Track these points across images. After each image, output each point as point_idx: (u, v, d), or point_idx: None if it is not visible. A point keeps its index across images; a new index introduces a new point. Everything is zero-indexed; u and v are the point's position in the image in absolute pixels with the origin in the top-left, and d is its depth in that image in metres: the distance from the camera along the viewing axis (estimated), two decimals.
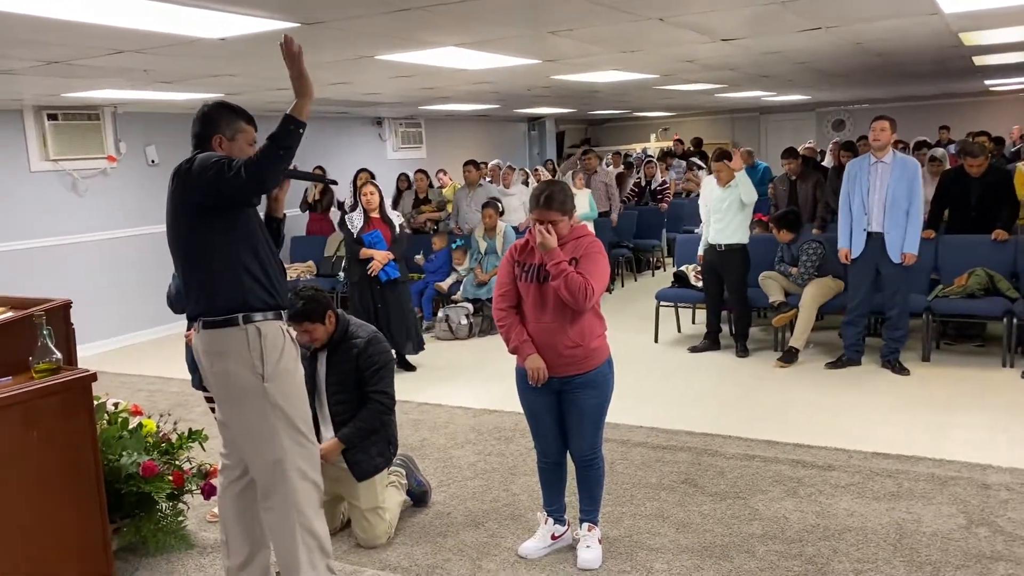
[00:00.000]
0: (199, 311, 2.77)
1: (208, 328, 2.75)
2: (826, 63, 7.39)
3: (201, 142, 2.83)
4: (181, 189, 2.73)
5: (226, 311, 2.73)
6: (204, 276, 2.75)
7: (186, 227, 2.76)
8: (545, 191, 3.23)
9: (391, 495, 3.75)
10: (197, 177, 2.66)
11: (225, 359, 2.74)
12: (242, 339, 2.73)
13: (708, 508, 3.84)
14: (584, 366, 3.26)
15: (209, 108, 2.88)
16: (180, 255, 2.81)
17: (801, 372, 6.03)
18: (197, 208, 2.72)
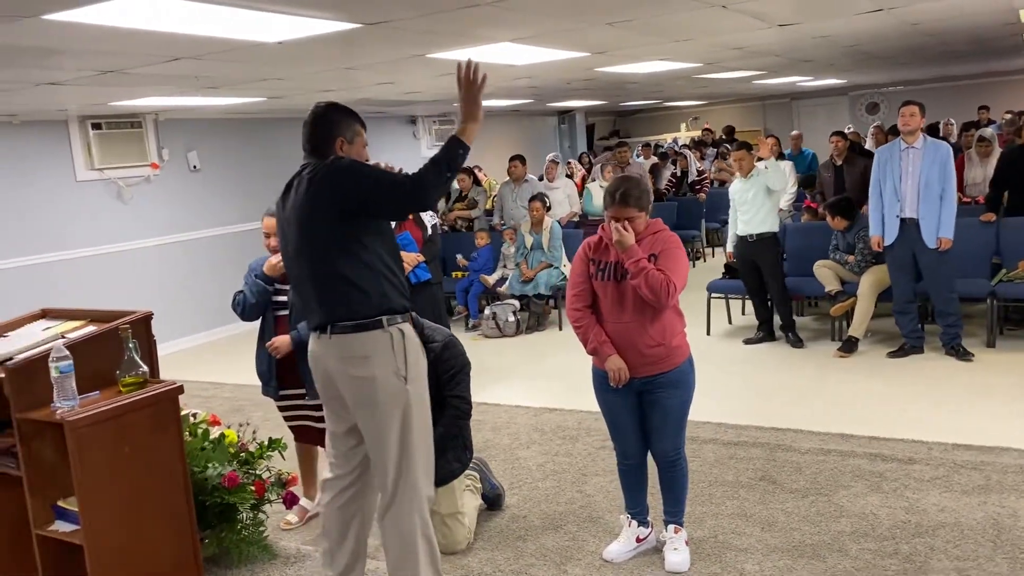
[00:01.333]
0: (335, 317, 2.72)
1: (349, 332, 2.71)
2: (875, 45, 7.24)
3: (322, 145, 2.79)
4: (324, 193, 2.69)
5: (371, 314, 2.71)
6: (345, 280, 2.70)
7: (325, 231, 2.70)
8: (620, 187, 3.15)
9: (468, 500, 3.70)
10: (352, 184, 2.67)
11: (370, 363, 2.71)
12: (387, 342, 2.72)
13: (791, 505, 3.75)
14: (666, 365, 3.19)
15: (326, 110, 2.84)
16: (313, 260, 2.74)
17: (863, 362, 5.91)
18: (343, 213, 2.68)
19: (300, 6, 3.47)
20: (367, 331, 2.72)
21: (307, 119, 2.84)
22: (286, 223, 2.83)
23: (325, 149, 2.79)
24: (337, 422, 2.92)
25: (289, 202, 2.80)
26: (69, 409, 2.57)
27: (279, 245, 3.01)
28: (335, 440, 2.92)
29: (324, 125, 2.81)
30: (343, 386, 2.77)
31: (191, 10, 3.30)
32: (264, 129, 9.05)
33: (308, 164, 2.80)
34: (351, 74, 5.83)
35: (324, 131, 2.80)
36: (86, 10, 3.13)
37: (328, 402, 2.90)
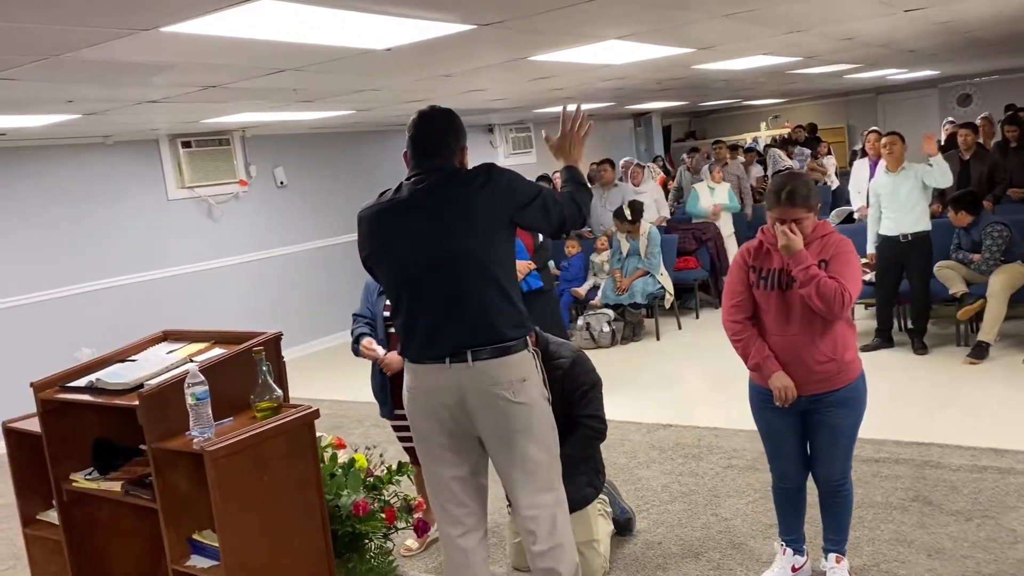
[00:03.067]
0: (483, 339, 2.46)
1: (502, 355, 2.47)
2: (990, 30, 6.80)
3: (445, 151, 2.58)
4: (491, 202, 2.49)
5: (519, 334, 2.51)
6: (501, 298, 2.50)
7: (484, 244, 2.49)
8: (787, 186, 2.88)
9: (601, 525, 3.47)
10: (524, 194, 2.53)
11: (529, 387, 2.50)
12: (532, 362, 2.54)
13: (955, 530, 3.42)
14: (837, 382, 2.91)
15: (449, 114, 2.65)
16: (458, 277, 2.48)
17: (997, 368, 5.50)
18: (510, 223, 2.52)
19: (415, 7, 3.31)
20: (519, 352, 2.51)
21: (422, 122, 2.61)
22: (414, 237, 2.52)
23: (447, 156, 2.58)
24: (464, 461, 2.60)
25: (413, 215, 2.53)
26: (206, 438, 2.43)
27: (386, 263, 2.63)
28: (462, 483, 2.61)
29: (449, 130, 2.62)
30: (492, 417, 2.49)
31: (305, 16, 3.17)
32: (347, 143, 9.01)
33: (431, 172, 2.55)
34: (442, 82, 5.68)
35: (449, 136, 2.60)
36: (203, 20, 3.02)
37: (451, 440, 2.57)
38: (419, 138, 2.60)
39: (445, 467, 2.61)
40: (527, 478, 2.53)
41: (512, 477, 2.56)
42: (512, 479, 2.57)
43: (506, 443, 2.51)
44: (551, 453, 2.57)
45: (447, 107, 2.67)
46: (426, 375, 2.54)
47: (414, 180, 2.57)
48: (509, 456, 2.53)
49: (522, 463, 2.53)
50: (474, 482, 2.64)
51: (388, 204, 2.59)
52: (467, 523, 2.63)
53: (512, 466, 2.54)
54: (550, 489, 2.56)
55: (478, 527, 2.65)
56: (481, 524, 2.67)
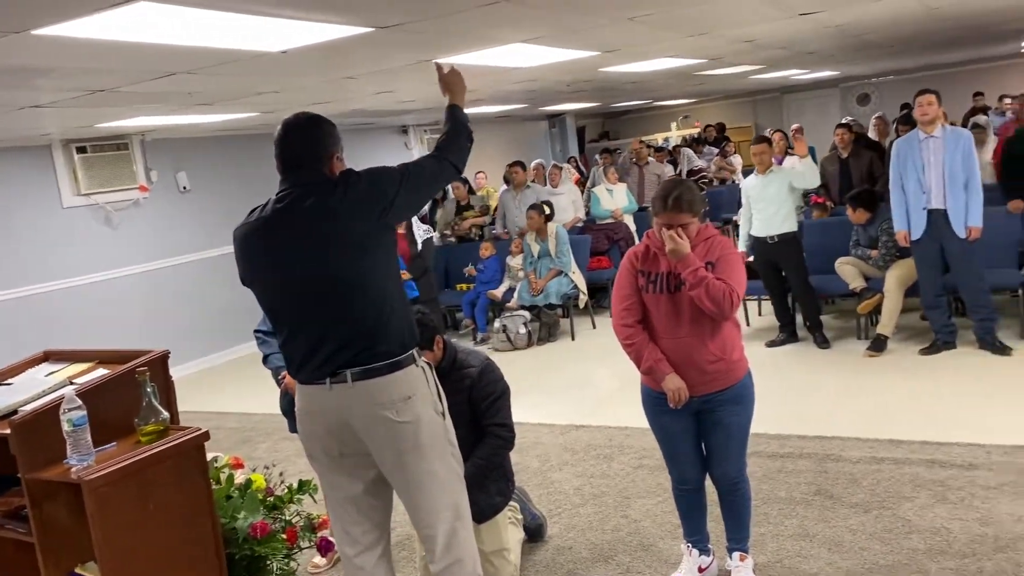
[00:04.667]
0: (364, 358, 2.36)
1: (386, 373, 2.37)
2: (882, 34, 7.07)
3: (315, 161, 2.45)
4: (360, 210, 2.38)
5: (403, 349, 2.42)
6: (378, 313, 2.39)
7: (358, 257, 2.37)
8: (673, 191, 2.90)
9: (511, 533, 3.44)
10: (390, 187, 2.42)
11: (415, 404, 2.40)
12: (422, 377, 2.45)
13: (855, 522, 3.51)
14: (727, 381, 2.95)
15: (317, 122, 2.50)
16: (335, 294, 2.37)
17: (895, 361, 5.70)
18: (384, 226, 2.43)
19: (310, 10, 3.22)
20: (405, 368, 2.42)
21: (288, 132, 2.45)
22: (284, 256, 2.39)
23: (316, 167, 2.44)
24: (358, 479, 2.52)
25: (287, 231, 2.40)
26: (85, 466, 2.30)
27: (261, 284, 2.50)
28: (356, 502, 2.53)
29: (317, 139, 2.46)
30: (378, 436, 2.41)
31: (191, 19, 3.04)
32: (254, 145, 8.74)
33: (300, 186, 2.42)
34: (348, 84, 5.58)
35: (317, 146, 2.45)
36: (78, 23, 2.87)
37: (343, 460, 2.49)
38: (284, 150, 2.46)
39: (339, 487, 2.53)
40: (421, 495, 2.47)
41: (405, 495, 2.50)
42: (405, 497, 2.51)
43: (396, 462, 2.44)
44: (448, 468, 2.50)
45: (315, 114, 2.52)
46: (310, 396, 2.46)
47: (278, 196, 2.46)
48: (401, 475, 2.46)
49: (414, 481, 2.46)
50: (370, 500, 2.55)
51: (254, 225, 2.47)
52: (364, 541, 2.55)
53: (404, 484, 2.48)
54: (447, 506, 2.50)
55: (376, 545, 2.58)
56: (379, 542, 2.59)
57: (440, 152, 2.62)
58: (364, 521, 2.55)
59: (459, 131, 2.68)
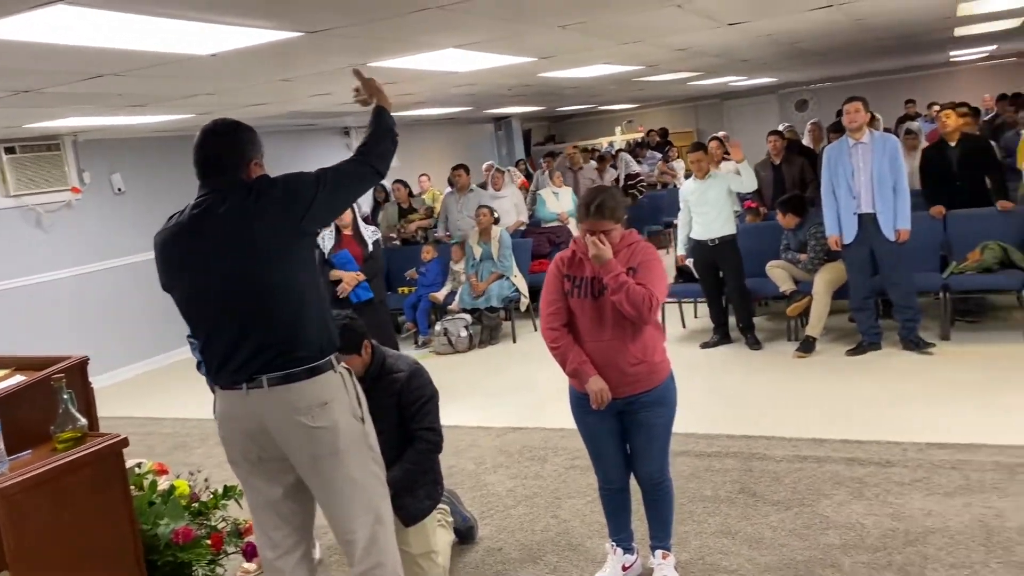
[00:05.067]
0: (279, 364, 2.38)
1: (301, 379, 2.39)
2: (814, 43, 7.28)
3: (234, 168, 2.45)
4: (275, 215, 2.39)
5: (323, 355, 2.43)
6: (291, 319, 2.40)
7: (272, 262, 2.38)
8: (595, 199, 2.98)
9: (440, 536, 3.48)
10: (308, 192, 2.42)
11: (331, 409, 2.41)
12: (339, 383, 2.46)
13: (775, 519, 3.63)
14: (649, 383, 3.03)
15: (236, 128, 2.50)
16: (250, 299, 2.39)
17: (823, 361, 5.88)
18: (300, 231, 2.42)
19: (237, 15, 3.21)
20: (322, 374, 2.44)
21: (206, 139, 2.47)
22: (199, 262, 2.42)
23: (232, 174, 2.45)
24: (277, 483, 2.53)
25: (202, 237, 2.41)
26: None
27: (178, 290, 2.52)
28: (276, 507, 2.54)
29: (235, 145, 2.48)
30: (294, 441, 2.42)
31: (112, 22, 3.01)
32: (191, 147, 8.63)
33: (217, 192, 2.44)
34: (287, 86, 5.55)
35: (236, 153, 2.46)
36: None
37: (261, 464, 2.51)
38: (201, 156, 2.47)
39: (259, 491, 2.55)
40: (339, 500, 2.49)
41: (323, 500, 2.53)
42: (323, 502, 2.53)
43: (312, 467, 2.46)
44: (367, 473, 2.52)
45: (233, 120, 2.53)
46: (228, 401, 2.47)
47: (195, 202, 2.47)
48: (318, 480, 2.48)
49: (332, 486, 2.48)
50: (290, 505, 2.56)
51: (172, 231, 2.49)
52: (284, 545, 2.57)
53: (321, 489, 2.49)
54: (366, 510, 2.52)
55: (295, 548, 2.59)
56: (299, 546, 2.60)
57: (362, 156, 2.59)
58: (284, 525, 2.57)
59: (382, 134, 2.65)
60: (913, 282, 5.74)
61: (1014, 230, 6.02)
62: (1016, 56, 14.21)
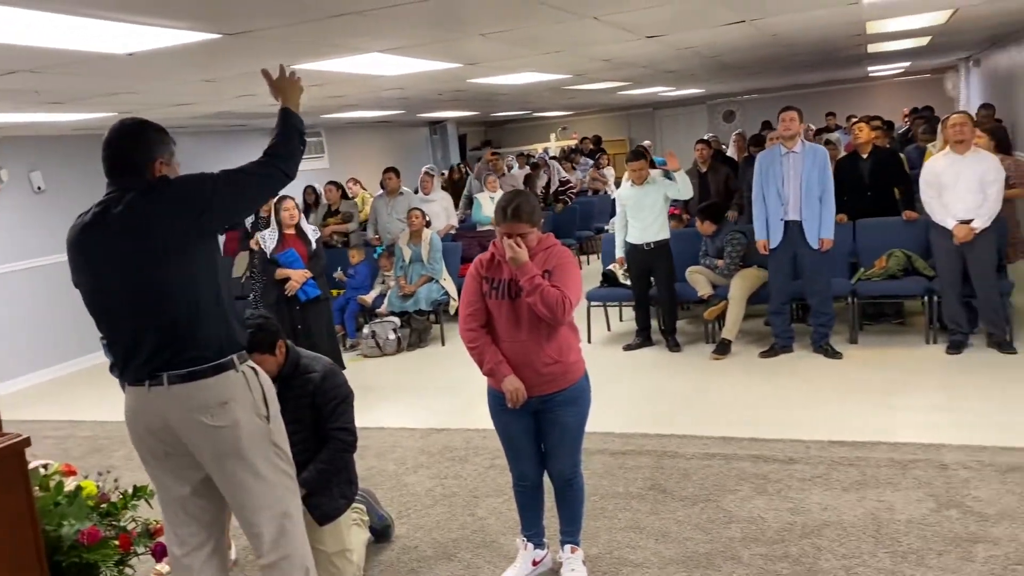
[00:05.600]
0: (177, 362, 2.41)
1: (200, 378, 2.42)
2: (733, 56, 7.51)
3: (137, 168, 2.48)
4: (169, 215, 2.41)
5: (223, 354, 2.45)
6: (188, 318, 2.42)
7: (166, 261, 2.41)
8: (512, 202, 3.07)
9: (355, 535, 3.52)
10: (204, 194, 2.43)
11: (231, 408, 2.44)
12: (242, 382, 2.49)
13: (682, 514, 3.76)
14: (563, 382, 3.12)
15: (141, 128, 2.52)
16: (148, 297, 2.42)
17: (737, 363, 6.08)
18: (195, 233, 2.43)
19: (154, 16, 3.21)
20: (220, 374, 2.47)
21: (112, 137, 2.50)
22: (98, 260, 2.46)
23: (137, 173, 2.48)
24: (184, 480, 2.58)
25: (101, 235, 2.45)
26: None
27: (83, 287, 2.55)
28: (183, 503, 2.59)
29: (141, 145, 2.51)
30: (197, 440, 2.46)
31: (29, 19, 2.99)
32: None
33: (121, 190, 2.47)
34: (211, 86, 5.51)
35: (140, 152, 2.49)
36: None
37: (168, 461, 2.55)
38: (107, 155, 2.50)
39: (166, 488, 2.58)
40: (244, 497, 2.53)
41: (229, 497, 2.56)
42: (229, 498, 2.56)
43: (216, 465, 2.49)
44: (273, 470, 2.55)
45: (141, 120, 2.56)
46: (133, 398, 2.51)
47: (100, 201, 2.50)
48: (222, 478, 2.51)
49: (236, 484, 2.51)
50: (197, 502, 2.59)
51: (77, 228, 2.51)
52: (191, 542, 2.60)
53: (227, 487, 2.53)
54: (273, 506, 2.55)
55: (203, 545, 2.62)
56: (208, 543, 2.63)
57: (269, 157, 2.60)
58: (192, 522, 2.59)
59: (290, 136, 2.64)
60: (831, 288, 5.98)
61: (918, 239, 6.33)
62: (930, 72, 14.85)
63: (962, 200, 5.48)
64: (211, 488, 2.60)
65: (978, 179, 5.43)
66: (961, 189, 5.47)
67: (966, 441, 4.21)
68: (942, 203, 5.56)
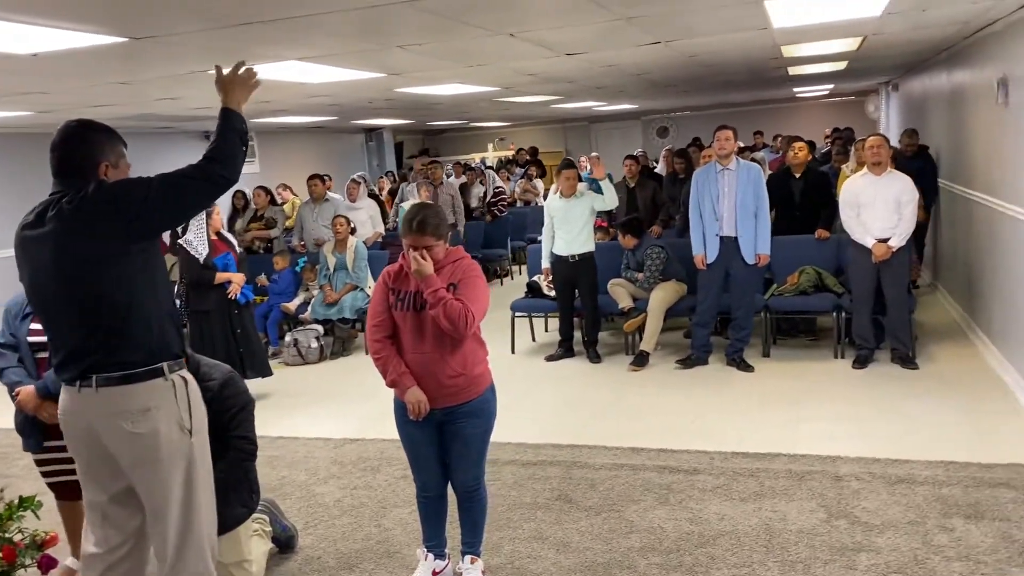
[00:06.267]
0: (105, 366, 2.43)
1: (124, 383, 2.42)
2: (658, 74, 7.67)
3: (81, 170, 2.47)
4: (105, 219, 2.40)
5: (151, 361, 2.45)
6: (124, 321, 2.43)
7: (103, 264, 2.41)
8: (418, 215, 3.09)
9: (256, 545, 3.49)
10: (139, 198, 2.41)
11: (152, 417, 2.45)
12: (169, 391, 2.49)
13: (585, 524, 3.83)
14: (467, 395, 3.15)
15: (84, 130, 2.52)
16: (81, 299, 2.43)
17: (654, 375, 6.20)
18: (131, 236, 2.42)
19: (56, 18, 3.16)
20: (147, 380, 2.47)
21: (57, 140, 2.50)
22: (35, 260, 2.49)
23: (82, 175, 2.48)
24: (102, 488, 2.59)
25: (38, 235, 2.46)
26: None
27: (25, 284, 2.59)
28: (102, 509, 2.59)
29: (83, 148, 2.50)
30: (116, 445, 2.47)
31: None
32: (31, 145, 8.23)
33: (64, 192, 2.48)
34: (127, 89, 5.42)
35: (84, 155, 2.49)
36: None
37: (90, 466, 2.57)
38: (52, 156, 2.51)
39: (90, 490, 2.61)
40: (156, 505, 2.54)
41: (145, 502, 2.57)
42: (145, 505, 2.58)
43: (133, 472, 2.51)
44: (188, 484, 2.56)
45: (88, 121, 2.55)
46: (66, 397, 2.54)
47: (42, 202, 2.51)
48: (139, 485, 2.53)
49: (150, 493, 2.53)
50: (119, 510, 2.60)
51: (21, 229, 2.54)
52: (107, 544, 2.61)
53: (143, 492, 2.55)
54: (181, 518, 2.56)
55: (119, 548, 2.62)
56: (123, 546, 2.63)
57: (207, 160, 2.53)
58: (108, 526, 2.60)
59: (230, 138, 2.55)
60: (755, 304, 6.13)
61: (829, 257, 6.55)
62: (854, 95, 15.37)
63: (880, 219, 5.68)
64: (132, 497, 2.60)
65: (894, 199, 5.64)
66: (879, 208, 5.68)
67: (861, 453, 4.37)
68: (861, 222, 5.76)
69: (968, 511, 3.66)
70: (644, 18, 4.19)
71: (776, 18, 4.58)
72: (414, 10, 3.52)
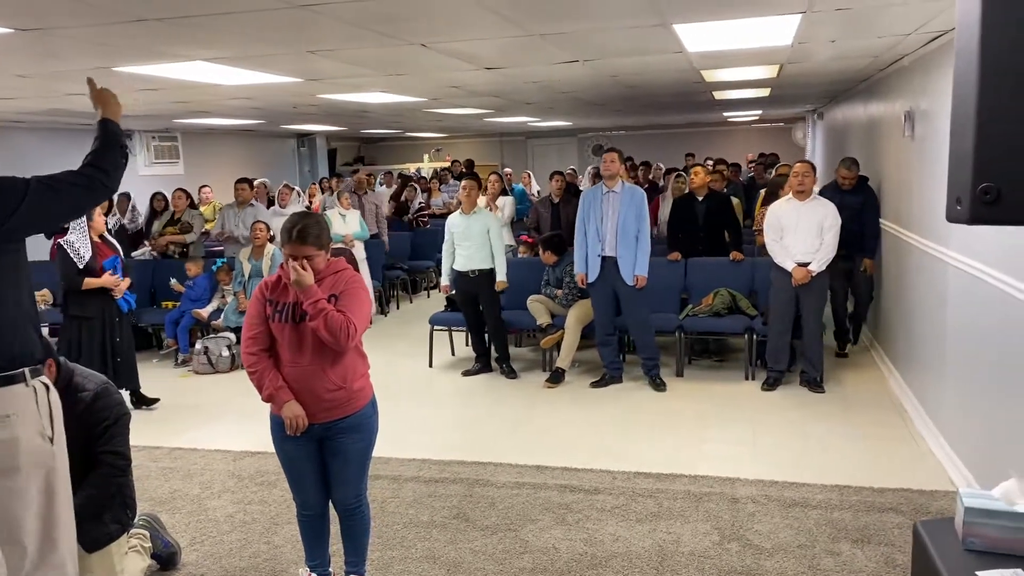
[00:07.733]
0: None
1: None
2: (585, 93, 7.71)
3: None
4: None
5: (12, 365, 2.35)
6: None
7: None
8: (297, 224, 3.00)
9: (132, 562, 3.34)
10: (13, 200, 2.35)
11: (12, 423, 2.35)
12: (30, 398, 2.39)
13: (479, 544, 3.76)
14: (347, 409, 3.07)
15: None
16: None
17: (568, 392, 6.19)
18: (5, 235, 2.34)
19: None
20: (7, 386, 2.38)
21: None
22: None
23: None
24: None
25: None
26: None
27: None
28: None
29: None
30: None
31: None
32: None
33: None
34: (28, 82, 5.20)
35: None
36: None
37: None
38: None
39: None
40: (14, 514, 2.43)
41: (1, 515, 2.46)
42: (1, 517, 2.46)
43: None
44: (48, 493, 2.47)
45: None
46: None
47: None
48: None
49: (7, 501, 2.42)
50: None
51: None
52: None
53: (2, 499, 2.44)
54: (40, 528, 2.48)
55: None
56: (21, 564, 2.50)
57: (87, 167, 2.58)
58: None
59: (110, 146, 2.64)
60: (650, 322, 6.17)
61: (743, 279, 6.65)
62: (783, 121, 15.75)
63: (802, 243, 5.78)
64: None
65: (817, 224, 5.74)
66: (801, 233, 5.77)
67: (760, 476, 4.41)
68: (783, 246, 5.85)
69: (856, 535, 3.71)
70: (558, 35, 4.18)
71: (688, 42, 4.63)
72: (319, 15, 3.44)
